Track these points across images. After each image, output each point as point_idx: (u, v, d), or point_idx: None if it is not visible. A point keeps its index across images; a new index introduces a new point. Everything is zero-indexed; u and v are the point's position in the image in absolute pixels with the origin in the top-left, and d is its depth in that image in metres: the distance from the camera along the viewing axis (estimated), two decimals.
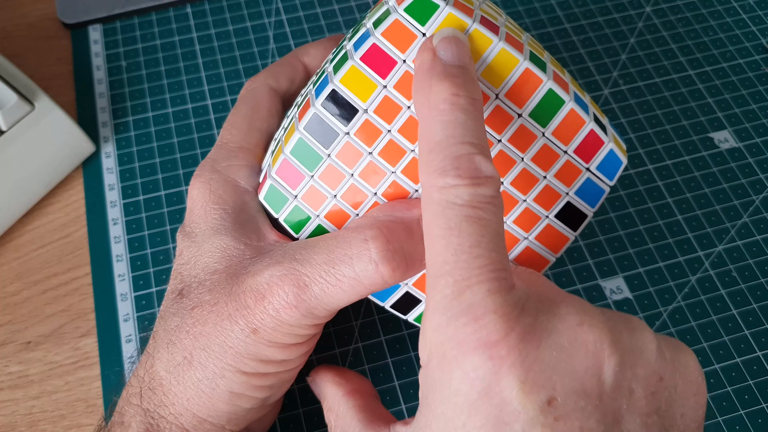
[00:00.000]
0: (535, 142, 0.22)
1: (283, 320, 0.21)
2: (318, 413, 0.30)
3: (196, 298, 0.23)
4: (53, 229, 0.35)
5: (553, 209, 0.23)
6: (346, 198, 0.23)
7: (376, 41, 0.21)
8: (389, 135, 0.22)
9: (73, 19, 0.41)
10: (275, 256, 0.22)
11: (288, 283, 0.21)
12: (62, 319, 0.32)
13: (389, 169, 0.22)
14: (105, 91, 0.39)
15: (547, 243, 0.23)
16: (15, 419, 0.30)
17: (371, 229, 0.21)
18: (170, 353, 0.22)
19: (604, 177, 0.23)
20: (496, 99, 0.21)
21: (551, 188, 0.22)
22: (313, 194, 0.23)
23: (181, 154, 0.37)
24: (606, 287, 0.33)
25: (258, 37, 0.42)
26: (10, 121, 0.33)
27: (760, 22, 0.42)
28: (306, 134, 0.22)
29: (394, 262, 0.20)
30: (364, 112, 0.22)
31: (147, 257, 0.34)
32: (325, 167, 0.22)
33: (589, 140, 0.22)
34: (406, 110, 0.22)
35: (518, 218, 0.23)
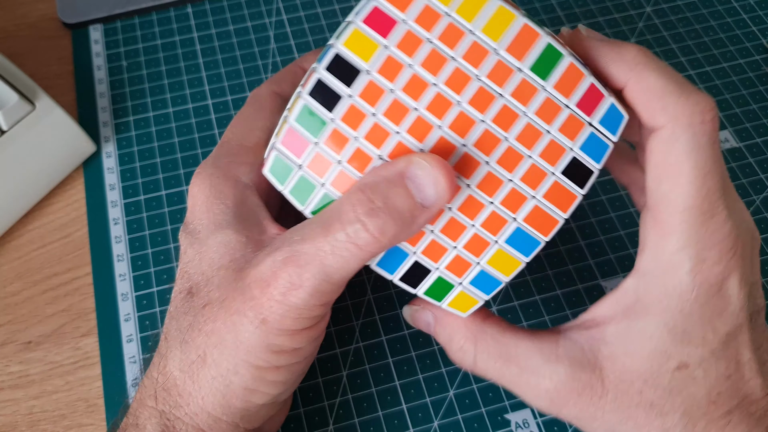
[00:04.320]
0: (536, 96, 0.22)
1: (291, 304, 0.21)
2: (318, 413, 0.30)
3: (206, 296, 0.23)
4: (54, 229, 0.35)
5: (558, 165, 0.22)
6: (352, 162, 0.22)
7: (378, 4, 0.22)
8: (393, 94, 0.22)
9: (74, 18, 0.41)
10: (275, 244, 0.22)
11: (290, 265, 0.21)
12: (63, 318, 0.32)
13: (393, 129, 0.22)
14: (106, 90, 0.39)
15: (556, 201, 0.23)
16: (16, 419, 0.30)
17: (357, 193, 0.21)
18: (183, 352, 0.22)
19: (606, 131, 0.22)
20: (496, 54, 0.22)
21: (556, 143, 0.22)
22: (319, 161, 0.23)
23: (181, 154, 0.37)
24: (606, 287, 0.33)
25: (258, 37, 0.42)
26: (10, 121, 0.33)
27: (761, 22, 0.42)
28: (310, 100, 0.22)
29: (380, 219, 0.21)
30: (367, 73, 0.22)
31: (148, 257, 0.34)
32: (330, 132, 0.22)
33: (589, 94, 0.22)
34: (408, 68, 0.22)
35: (525, 175, 0.22)
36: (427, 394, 0.30)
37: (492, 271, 0.23)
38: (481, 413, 0.30)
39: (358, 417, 0.30)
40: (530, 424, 0.30)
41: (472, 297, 0.24)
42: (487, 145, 0.22)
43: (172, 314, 0.24)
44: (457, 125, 0.22)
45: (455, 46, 0.22)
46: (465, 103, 0.22)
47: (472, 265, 0.23)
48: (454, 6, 0.22)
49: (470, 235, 0.23)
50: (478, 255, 0.23)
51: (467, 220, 0.23)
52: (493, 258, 0.23)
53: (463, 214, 0.23)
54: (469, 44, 0.22)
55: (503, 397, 0.30)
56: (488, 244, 0.23)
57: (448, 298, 0.24)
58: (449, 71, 0.22)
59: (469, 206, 0.23)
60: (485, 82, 0.22)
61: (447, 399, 0.30)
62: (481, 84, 0.22)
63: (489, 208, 0.23)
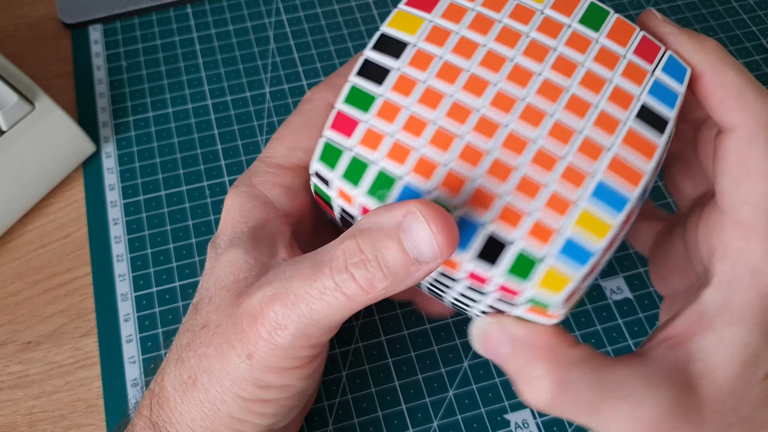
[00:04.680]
0: (591, 45, 0.21)
1: (276, 344, 0.20)
2: (318, 413, 0.30)
3: (206, 316, 0.22)
4: (53, 229, 0.35)
5: (630, 111, 0.21)
6: (407, 129, 0.21)
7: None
8: (443, 59, 0.21)
9: (74, 19, 0.41)
10: (270, 275, 0.21)
11: (277, 302, 0.20)
12: (62, 319, 0.32)
13: (448, 91, 0.21)
14: (105, 91, 0.39)
15: (636, 150, 0.20)
16: (15, 419, 0.30)
17: (349, 239, 0.20)
18: (178, 370, 0.22)
19: (672, 80, 0.21)
20: (541, 13, 0.22)
21: (621, 90, 0.21)
22: (370, 137, 0.21)
23: (181, 154, 0.37)
24: (606, 287, 0.33)
25: (258, 37, 0.42)
26: (10, 121, 0.33)
27: (761, 22, 0.42)
28: (358, 80, 0.22)
29: (368, 272, 0.19)
30: (413, 46, 0.22)
31: (147, 257, 0.34)
32: (381, 105, 0.21)
33: (644, 45, 0.21)
34: (455, 34, 0.22)
35: (597, 122, 0.20)
36: (426, 395, 0.30)
37: (581, 237, 0.20)
38: (480, 413, 0.30)
39: (357, 417, 0.30)
40: (530, 424, 0.30)
41: (563, 273, 0.20)
42: (550, 95, 0.21)
43: (180, 327, 0.24)
44: (514, 79, 0.21)
45: (500, 10, 0.22)
46: (519, 58, 0.21)
47: (557, 231, 0.20)
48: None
49: (548, 195, 0.20)
50: (563, 216, 0.20)
51: (542, 178, 0.20)
52: (580, 220, 0.20)
53: (537, 168, 0.20)
54: (513, 6, 0.22)
55: (503, 397, 0.30)
56: (570, 204, 0.20)
57: (535, 275, 0.20)
58: (497, 31, 0.22)
59: (541, 160, 0.20)
60: (535, 38, 0.21)
61: (446, 399, 0.30)
62: (532, 39, 0.21)
63: (563, 162, 0.20)
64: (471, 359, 0.31)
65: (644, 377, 0.20)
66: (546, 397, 0.20)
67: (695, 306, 0.21)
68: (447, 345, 0.31)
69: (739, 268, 0.20)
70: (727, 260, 0.21)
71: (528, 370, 0.20)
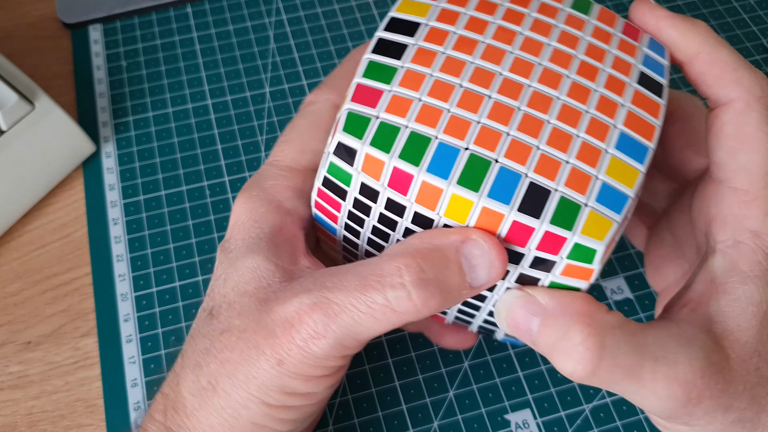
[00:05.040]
0: (586, 25, 0.23)
1: (311, 352, 0.20)
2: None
3: (226, 322, 0.22)
4: (53, 229, 0.35)
5: (631, 76, 0.22)
6: (433, 94, 0.21)
7: None
8: (457, 33, 0.22)
9: (73, 18, 0.41)
10: (305, 284, 0.21)
11: (317, 311, 0.20)
12: (62, 319, 0.32)
13: (468, 59, 0.22)
14: (105, 90, 0.39)
15: (645, 108, 0.22)
16: (15, 419, 0.30)
17: (405, 257, 0.20)
18: (196, 376, 0.22)
19: (655, 54, 0.23)
20: (536, 0, 0.23)
21: (621, 59, 0.22)
22: (398, 103, 0.21)
23: (181, 154, 0.37)
24: (606, 287, 0.33)
25: (258, 36, 0.41)
26: (10, 121, 0.33)
27: (761, 22, 0.42)
28: (375, 56, 0.22)
29: (427, 292, 0.20)
30: (426, 25, 0.22)
31: (147, 257, 0.34)
32: (404, 74, 0.21)
33: (628, 28, 0.23)
34: (464, 15, 0.22)
35: (607, 83, 0.22)
36: (426, 395, 0.30)
37: (614, 183, 0.20)
38: (481, 413, 0.30)
39: (357, 417, 0.30)
40: (530, 424, 0.30)
41: (604, 218, 0.20)
42: (562, 62, 0.22)
43: (192, 333, 0.23)
44: (527, 48, 0.22)
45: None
46: (527, 32, 0.22)
47: (592, 178, 0.20)
48: None
49: (579, 144, 0.20)
50: (595, 165, 0.20)
51: (571, 129, 0.21)
52: (611, 167, 0.20)
53: (564, 122, 0.21)
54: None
55: (503, 397, 0.30)
56: (600, 153, 0.20)
57: (578, 224, 0.20)
58: (502, 13, 0.23)
59: (566, 115, 0.21)
60: (537, 17, 0.23)
61: (447, 399, 0.30)
62: (535, 18, 0.23)
63: (587, 115, 0.21)
64: (471, 359, 0.31)
65: (677, 338, 0.20)
66: (587, 365, 0.19)
67: (704, 273, 0.22)
68: None
69: (741, 232, 0.21)
70: (727, 227, 0.22)
71: (566, 338, 0.20)
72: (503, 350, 0.31)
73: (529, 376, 0.31)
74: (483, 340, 0.31)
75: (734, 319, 0.21)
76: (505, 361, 0.31)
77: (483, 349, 0.31)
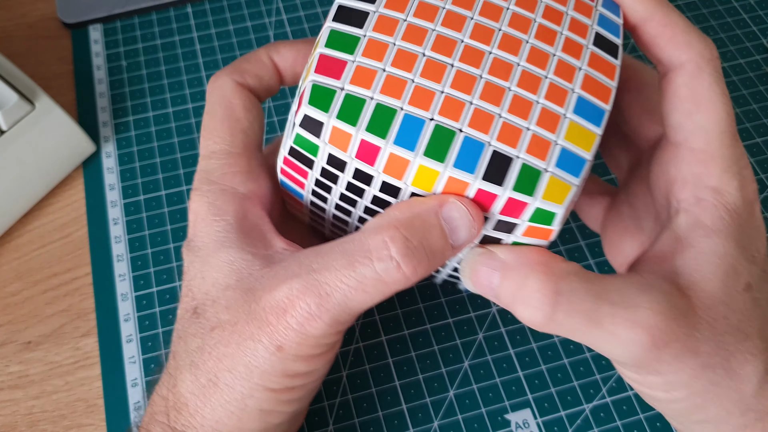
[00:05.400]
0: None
1: (309, 333, 0.21)
2: (318, 413, 0.30)
3: (214, 318, 0.22)
4: (53, 229, 0.35)
5: (588, 38, 0.23)
6: (397, 64, 0.21)
7: None
8: (416, 1, 0.22)
9: (74, 18, 0.41)
10: (290, 268, 0.21)
11: (309, 294, 0.20)
12: (62, 319, 0.32)
13: (430, 27, 0.22)
14: (105, 90, 0.39)
15: (601, 70, 0.22)
16: (15, 419, 0.30)
17: (389, 229, 0.20)
18: (194, 375, 0.22)
19: (610, 13, 0.23)
20: None
21: (577, 20, 0.23)
22: (362, 74, 0.21)
23: (181, 154, 0.37)
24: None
25: (258, 37, 0.41)
26: (10, 120, 0.33)
27: (761, 22, 0.42)
28: (336, 25, 0.22)
29: (415, 259, 0.20)
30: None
31: (147, 257, 0.34)
32: (366, 43, 0.22)
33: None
34: None
35: (564, 47, 0.22)
36: (427, 395, 0.30)
37: (573, 147, 0.21)
38: (481, 413, 0.30)
39: (358, 417, 0.30)
40: (530, 424, 0.30)
41: (563, 182, 0.21)
42: (521, 27, 0.22)
43: (179, 333, 0.23)
44: (486, 13, 0.22)
45: None
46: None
47: (552, 143, 0.21)
48: None
49: (539, 111, 0.21)
50: (554, 131, 0.21)
51: (531, 96, 0.21)
52: (569, 132, 0.21)
53: (525, 89, 0.21)
54: None
55: (503, 397, 0.30)
56: (559, 118, 0.21)
57: (539, 189, 0.20)
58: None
59: (526, 81, 0.21)
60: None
61: (447, 399, 0.30)
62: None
63: (546, 81, 0.21)
64: (471, 359, 0.31)
65: (637, 285, 0.21)
66: (545, 311, 0.20)
67: (668, 232, 0.23)
68: (447, 345, 0.31)
69: (702, 190, 0.22)
70: (688, 186, 0.22)
71: (523, 288, 0.21)
72: (503, 350, 0.31)
73: (529, 376, 0.31)
74: (484, 341, 0.31)
75: (699, 271, 0.21)
76: (505, 361, 0.31)
77: (483, 349, 0.31)
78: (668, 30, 0.23)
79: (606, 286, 0.21)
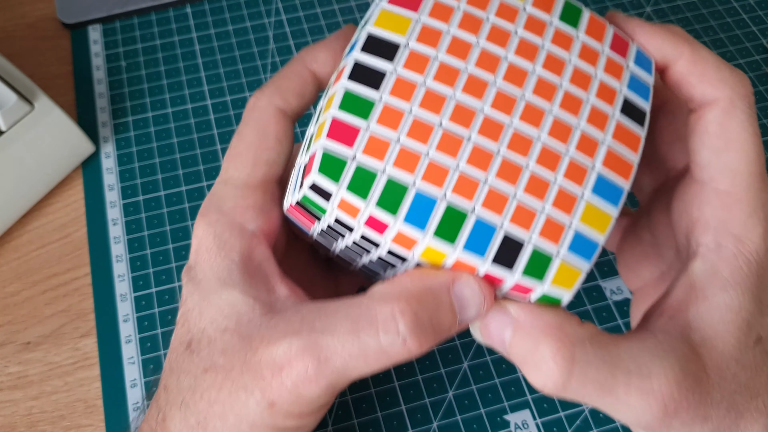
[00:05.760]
0: (574, 42, 0.22)
1: (302, 395, 0.20)
2: None
3: (208, 359, 0.21)
4: (53, 230, 0.35)
5: (615, 105, 0.22)
6: (413, 135, 0.20)
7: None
8: (438, 59, 0.21)
9: (73, 19, 0.41)
10: (292, 323, 0.21)
11: (308, 356, 0.20)
12: (62, 319, 0.32)
13: (448, 93, 0.21)
14: (105, 91, 0.39)
15: (625, 142, 0.21)
16: (14, 420, 0.30)
17: (399, 301, 0.20)
18: (184, 414, 0.21)
19: (642, 71, 0.22)
20: (524, 10, 0.22)
21: (606, 85, 0.22)
22: (375, 144, 0.20)
23: (180, 155, 0.37)
24: (606, 287, 0.33)
25: (258, 37, 0.41)
26: (9, 121, 0.33)
27: (761, 22, 0.42)
28: (351, 84, 0.21)
29: (423, 336, 0.19)
30: (405, 46, 0.21)
31: (147, 258, 0.34)
32: (381, 110, 0.21)
33: (617, 40, 0.23)
34: (446, 34, 0.21)
35: (590, 118, 0.21)
36: (426, 395, 0.30)
37: (587, 230, 0.20)
38: (480, 414, 0.30)
39: (357, 418, 0.30)
40: (530, 425, 0.30)
41: (573, 268, 0.20)
42: (545, 94, 0.21)
43: (171, 365, 0.23)
44: (511, 78, 0.21)
45: (485, 8, 0.22)
46: (512, 56, 0.22)
47: (566, 227, 0.20)
48: None
49: (555, 191, 0.20)
50: (569, 213, 0.20)
51: (548, 174, 0.21)
52: (585, 215, 0.20)
53: (543, 166, 0.21)
54: (498, 5, 0.22)
55: (503, 398, 0.30)
56: (576, 199, 0.21)
57: (549, 274, 0.20)
58: (487, 29, 0.22)
59: (545, 159, 0.21)
60: (524, 36, 0.22)
61: (446, 400, 0.30)
62: (521, 37, 0.22)
63: (566, 158, 0.21)
64: (471, 360, 0.31)
65: (651, 350, 0.20)
66: (557, 379, 0.19)
67: (685, 277, 0.22)
68: (447, 345, 0.31)
69: (724, 236, 0.21)
70: (710, 230, 0.21)
71: (535, 352, 0.20)
72: None
73: None
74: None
75: (712, 327, 0.20)
76: (505, 362, 0.31)
77: (482, 350, 0.31)
78: (698, 67, 0.22)
79: (621, 354, 0.20)
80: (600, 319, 0.32)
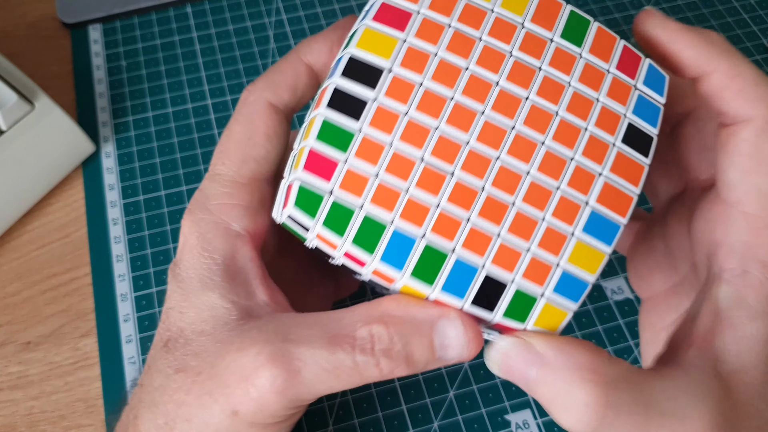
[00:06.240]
0: (576, 62, 0.21)
1: (265, 406, 0.19)
2: (318, 414, 0.30)
3: (182, 359, 0.21)
4: (53, 229, 0.35)
5: (617, 133, 0.20)
6: (392, 170, 0.19)
7: (385, 0, 0.21)
8: (423, 86, 0.20)
9: (73, 18, 0.41)
10: (265, 331, 0.20)
11: (277, 366, 0.19)
12: (62, 319, 0.32)
13: (432, 124, 0.20)
14: (105, 90, 0.39)
15: (625, 175, 0.20)
16: (15, 420, 0.30)
17: (379, 324, 0.19)
18: (152, 414, 0.21)
19: (653, 93, 0.21)
20: (522, 27, 0.21)
21: (608, 110, 0.20)
22: (352, 180, 0.19)
23: (181, 154, 0.37)
24: (606, 287, 0.33)
25: (258, 36, 0.41)
26: (10, 120, 0.33)
27: (761, 22, 0.42)
28: (330, 113, 0.20)
29: (395, 362, 0.19)
30: (389, 71, 0.20)
31: (147, 257, 0.34)
32: (360, 142, 0.20)
33: (626, 56, 0.21)
34: (434, 57, 0.20)
35: (586, 149, 0.20)
36: (427, 395, 0.30)
37: (575, 270, 0.19)
38: (481, 414, 0.30)
39: (357, 418, 0.30)
40: (530, 425, 0.30)
41: (559, 309, 0.19)
42: (538, 123, 0.20)
43: (149, 362, 0.22)
44: (501, 107, 0.20)
45: (479, 26, 0.20)
46: (504, 81, 0.20)
47: (552, 267, 0.19)
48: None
49: (543, 230, 0.19)
50: (557, 253, 0.19)
51: (536, 213, 0.19)
52: (574, 254, 0.20)
53: (531, 205, 0.19)
54: (493, 21, 0.20)
55: (503, 397, 0.30)
56: (565, 238, 0.19)
57: (532, 316, 0.19)
58: (479, 52, 0.20)
59: (534, 196, 0.20)
60: (520, 57, 0.20)
61: (447, 400, 0.30)
62: (516, 59, 0.20)
63: (557, 194, 0.20)
64: (471, 360, 0.31)
65: (684, 389, 0.19)
66: (588, 423, 0.18)
67: (709, 304, 0.21)
68: None
69: (750, 261, 0.20)
70: (735, 254, 0.20)
71: (566, 394, 0.18)
72: None
73: None
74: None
75: (740, 359, 0.20)
76: None
77: (483, 350, 0.31)
78: (736, 82, 0.21)
79: (654, 393, 0.19)
80: (601, 318, 0.32)
